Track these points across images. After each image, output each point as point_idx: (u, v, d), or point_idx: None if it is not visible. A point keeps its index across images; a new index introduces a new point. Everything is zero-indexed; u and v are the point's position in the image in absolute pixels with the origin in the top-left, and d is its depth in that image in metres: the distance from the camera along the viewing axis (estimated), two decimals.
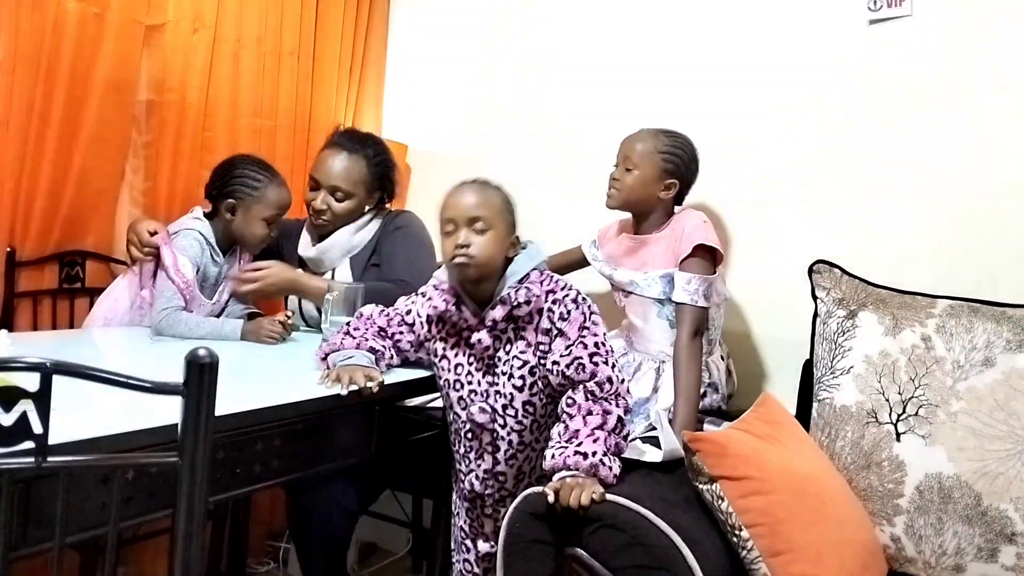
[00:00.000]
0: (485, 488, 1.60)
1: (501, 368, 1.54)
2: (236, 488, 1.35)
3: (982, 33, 1.87)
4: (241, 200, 1.98)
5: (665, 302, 1.86)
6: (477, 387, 1.56)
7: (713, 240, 1.83)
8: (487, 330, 1.53)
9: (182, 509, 0.79)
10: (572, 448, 1.40)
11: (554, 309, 1.50)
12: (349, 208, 2.07)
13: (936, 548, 1.50)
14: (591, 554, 1.31)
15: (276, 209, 2.01)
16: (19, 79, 1.87)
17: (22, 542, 0.98)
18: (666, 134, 1.92)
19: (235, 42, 2.36)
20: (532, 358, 1.52)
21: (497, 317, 1.51)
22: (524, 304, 1.49)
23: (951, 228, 1.89)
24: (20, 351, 1.40)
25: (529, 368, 1.52)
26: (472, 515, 1.65)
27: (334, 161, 2.06)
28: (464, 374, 1.57)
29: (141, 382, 0.77)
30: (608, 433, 1.42)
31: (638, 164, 1.89)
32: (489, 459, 1.58)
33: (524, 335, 1.52)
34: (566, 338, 1.48)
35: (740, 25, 2.18)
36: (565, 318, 1.49)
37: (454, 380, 1.59)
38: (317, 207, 2.05)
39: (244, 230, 2.00)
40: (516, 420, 1.55)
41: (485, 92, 2.69)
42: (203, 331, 1.86)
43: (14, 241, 1.95)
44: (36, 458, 0.75)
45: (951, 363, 1.56)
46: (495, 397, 1.55)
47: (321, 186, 2.06)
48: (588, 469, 1.37)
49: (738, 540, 1.31)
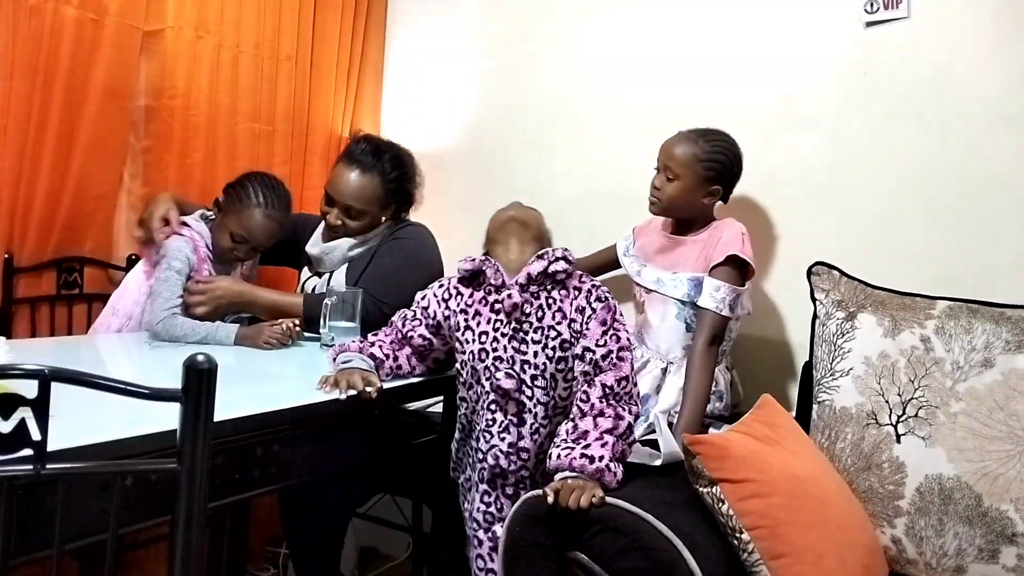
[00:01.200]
0: (510, 464, 1.55)
1: (532, 336, 1.52)
2: (235, 494, 1.34)
3: (979, 34, 1.87)
4: (224, 207, 1.98)
5: (687, 304, 1.85)
6: (503, 353, 1.54)
7: (748, 254, 1.82)
8: (519, 287, 1.53)
9: (181, 515, 0.79)
10: (579, 450, 1.39)
11: (591, 290, 1.53)
12: (363, 224, 2.07)
13: (937, 549, 1.49)
14: (591, 557, 1.31)
15: (243, 231, 1.96)
16: (17, 85, 1.88)
17: (21, 549, 0.98)
18: (706, 138, 1.88)
19: (233, 47, 2.36)
20: (566, 332, 1.52)
21: (533, 271, 1.52)
22: (562, 260, 1.52)
23: (950, 229, 1.89)
24: (18, 358, 1.40)
25: (561, 342, 1.52)
26: (491, 498, 1.58)
27: (348, 179, 2.03)
28: (489, 341, 1.55)
29: (140, 388, 0.77)
30: (617, 439, 1.42)
31: (679, 174, 1.86)
32: (515, 432, 1.54)
33: (561, 305, 1.52)
34: (603, 323, 1.50)
35: (738, 27, 2.19)
36: (603, 300, 1.53)
37: (479, 350, 1.55)
38: (331, 223, 2.06)
39: (215, 236, 1.99)
40: (544, 392, 1.53)
41: (483, 95, 2.69)
42: (199, 335, 1.86)
43: (12, 247, 1.95)
44: (35, 465, 0.74)
45: (950, 364, 1.56)
46: (523, 366, 1.53)
47: (335, 202, 2.06)
48: (593, 473, 1.36)
49: (739, 543, 1.30)
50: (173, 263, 1.89)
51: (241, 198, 1.96)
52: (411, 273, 1.96)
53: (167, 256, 1.90)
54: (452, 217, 2.52)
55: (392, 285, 1.93)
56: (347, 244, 2.08)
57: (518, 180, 2.59)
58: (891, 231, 1.96)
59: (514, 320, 1.53)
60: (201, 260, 1.94)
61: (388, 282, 1.94)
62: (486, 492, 1.58)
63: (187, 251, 1.92)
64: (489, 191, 2.64)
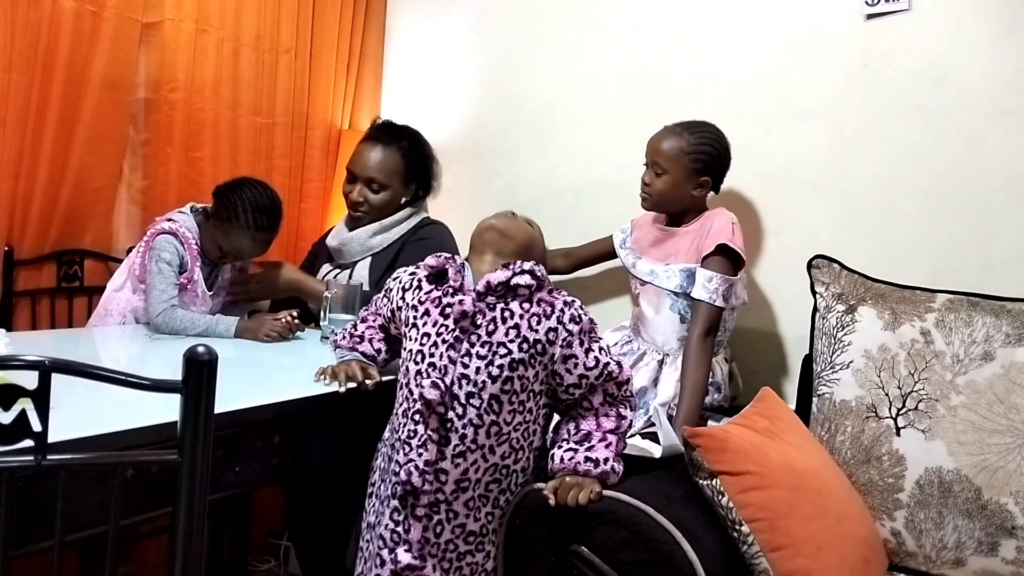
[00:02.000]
0: (423, 483, 1.36)
1: (478, 350, 1.37)
2: (236, 486, 1.35)
3: (979, 26, 1.86)
4: (214, 216, 1.96)
5: (680, 296, 1.85)
6: (438, 361, 1.38)
7: (738, 244, 1.81)
8: (474, 296, 1.39)
9: (182, 507, 0.79)
10: (583, 452, 1.38)
11: (564, 310, 1.38)
12: (385, 199, 2.10)
13: (936, 542, 1.50)
14: (592, 550, 1.31)
15: (231, 249, 1.97)
16: (15, 77, 1.87)
17: (22, 541, 0.98)
18: (691, 131, 1.88)
19: (233, 40, 2.35)
20: (519, 353, 1.37)
21: (493, 280, 1.38)
22: (528, 275, 1.38)
23: (950, 222, 1.89)
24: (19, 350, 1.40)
25: (510, 361, 1.36)
26: (400, 516, 1.39)
27: (369, 153, 2.10)
28: (429, 345, 1.39)
29: (140, 380, 0.77)
30: (618, 437, 1.42)
31: (667, 168, 1.86)
32: (433, 449, 1.36)
33: (518, 322, 1.37)
34: (582, 344, 1.38)
35: (737, 19, 2.18)
36: (578, 320, 1.39)
37: (416, 351, 1.41)
38: (354, 199, 2.09)
39: (203, 239, 1.98)
40: (477, 414, 1.36)
41: (482, 88, 2.68)
42: (199, 328, 1.86)
43: (12, 240, 1.95)
44: (35, 456, 0.74)
45: (951, 357, 1.56)
46: (459, 381, 1.36)
47: (357, 178, 2.10)
48: (598, 476, 1.36)
49: (738, 535, 1.31)
50: (163, 255, 1.88)
51: (231, 217, 1.92)
52: None
53: (155, 249, 1.89)
54: (451, 210, 2.51)
55: None
56: (366, 234, 2.10)
57: (517, 173, 2.58)
58: (891, 224, 1.96)
59: (459, 329, 1.38)
60: (193, 258, 1.94)
61: None
62: (396, 510, 1.39)
63: (175, 243, 1.91)
64: (489, 184, 2.64)
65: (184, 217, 1.96)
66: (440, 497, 1.37)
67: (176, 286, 1.89)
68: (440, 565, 1.39)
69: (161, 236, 1.90)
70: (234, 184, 1.98)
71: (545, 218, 1.78)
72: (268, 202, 1.97)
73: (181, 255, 1.92)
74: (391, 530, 1.39)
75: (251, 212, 1.92)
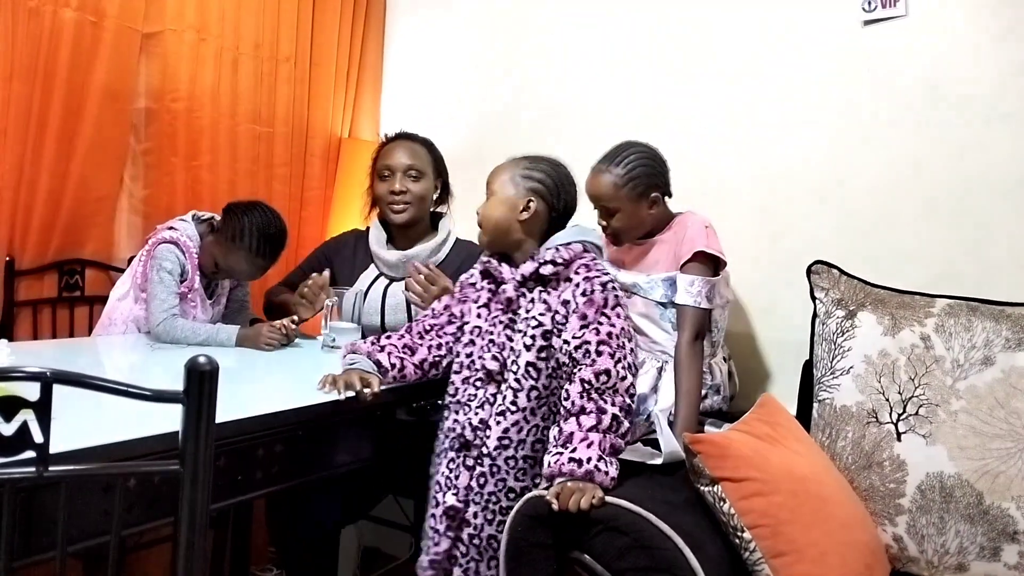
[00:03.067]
0: (475, 438, 1.57)
1: (519, 326, 1.58)
2: (238, 495, 1.35)
3: (976, 32, 1.87)
4: (220, 231, 1.96)
5: (668, 305, 1.86)
6: (496, 338, 1.60)
7: (715, 248, 1.81)
8: (514, 283, 1.59)
9: (184, 517, 0.79)
10: (567, 455, 1.39)
11: (580, 284, 1.54)
12: (425, 189, 2.14)
13: (939, 547, 1.49)
14: (594, 557, 1.31)
15: (227, 267, 1.98)
16: (16, 88, 1.88)
17: (24, 551, 0.98)
18: (614, 163, 1.83)
19: (232, 49, 2.36)
20: (548, 323, 1.55)
21: (525, 272, 1.58)
22: (550, 264, 1.56)
23: (949, 227, 1.90)
24: (20, 360, 1.40)
25: (543, 332, 1.55)
26: (454, 465, 1.59)
27: (401, 147, 2.15)
28: (488, 325, 1.62)
29: (141, 390, 0.77)
30: (603, 434, 1.42)
31: (614, 207, 1.83)
32: (488, 409, 1.57)
33: (547, 300, 1.56)
34: (583, 318, 1.51)
35: (736, 25, 2.19)
36: (587, 295, 1.53)
37: (480, 330, 1.63)
38: (397, 188, 2.10)
39: (204, 250, 1.98)
40: (516, 379, 1.55)
41: (482, 96, 2.69)
42: (200, 337, 1.86)
43: (13, 250, 1.95)
44: (37, 467, 0.75)
45: (951, 362, 1.56)
46: (509, 352, 1.58)
47: (395, 171, 2.11)
48: (583, 476, 1.37)
49: (740, 542, 1.30)
50: (164, 264, 1.88)
51: (234, 236, 1.92)
52: None
53: (157, 258, 1.89)
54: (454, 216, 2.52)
55: None
56: (428, 251, 2.12)
57: None
58: (890, 229, 1.96)
59: (510, 312, 1.60)
60: (194, 267, 1.94)
61: None
62: (452, 459, 1.61)
63: (177, 252, 1.91)
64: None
65: (185, 225, 1.96)
66: (484, 451, 1.56)
67: (177, 295, 1.89)
68: (483, 513, 1.55)
69: (163, 245, 1.90)
70: (246, 205, 1.97)
71: None
72: (275, 231, 1.96)
73: (182, 263, 1.92)
74: (445, 476, 1.60)
75: (256, 237, 1.92)
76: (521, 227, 1.63)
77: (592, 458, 1.38)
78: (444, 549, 1.58)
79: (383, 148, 2.18)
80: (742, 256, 2.15)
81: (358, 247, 2.18)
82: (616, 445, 1.43)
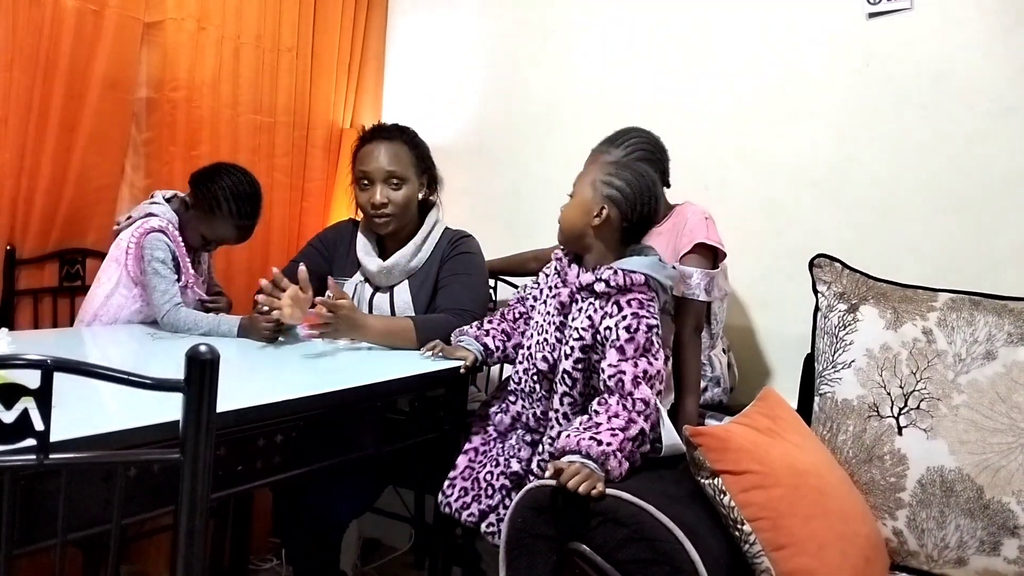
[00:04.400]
0: (538, 425, 1.66)
1: (567, 332, 1.60)
2: (238, 485, 1.34)
3: (981, 25, 1.86)
4: (196, 206, 1.95)
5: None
6: (549, 337, 1.63)
7: (715, 239, 1.81)
8: (570, 288, 1.60)
9: (184, 506, 0.79)
10: (589, 434, 1.40)
11: (627, 317, 1.51)
12: (408, 195, 2.00)
13: (938, 541, 1.50)
14: (594, 548, 1.31)
15: (216, 238, 1.97)
16: (17, 77, 1.87)
17: (25, 539, 0.98)
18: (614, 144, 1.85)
19: (234, 39, 2.36)
20: (589, 339, 1.56)
21: (582, 282, 1.57)
22: (603, 283, 1.54)
23: (952, 221, 1.89)
24: (21, 349, 1.40)
25: (582, 345, 1.56)
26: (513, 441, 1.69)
27: (379, 151, 2.00)
28: (545, 322, 1.65)
29: (142, 379, 0.77)
30: (627, 439, 1.42)
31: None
32: (545, 403, 1.64)
33: (592, 316, 1.56)
34: (620, 352, 1.49)
35: (740, 18, 2.18)
36: (631, 332, 1.50)
37: (539, 326, 1.66)
38: (377, 201, 1.97)
39: (184, 229, 1.97)
40: (565, 383, 1.59)
41: (485, 87, 2.68)
42: (202, 328, 1.86)
43: (14, 239, 1.95)
44: (38, 455, 0.74)
45: (952, 356, 1.56)
46: (559, 355, 1.60)
47: (374, 180, 1.99)
48: (598, 456, 1.36)
49: (740, 534, 1.31)
50: (156, 254, 1.87)
51: (212, 207, 1.91)
52: (484, 281, 2.11)
53: (148, 249, 1.88)
54: (454, 209, 2.52)
55: (478, 297, 2.03)
56: (405, 258, 2.02)
57: (520, 172, 2.59)
58: (893, 223, 1.96)
59: (562, 315, 1.62)
60: (182, 255, 1.94)
61: (477, 297, 2.03)
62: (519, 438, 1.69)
63: (165, 240, 1.90)
64: (491, 183, 2.64)
65: (164, 209, 1.95)
66: (537, 437, 1.66)
67: (176, 283, 1.89)
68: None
69: (152, 235, 1.89)
70: (211, 172, 1.95)
71: (547, 217, 1.79)
72: (249, 189, 1.95)
73: (172, 251, 1.91)
74: (510, 445, 1.70)
75: (233, 201, 1.92)
76: (593, 232, 1.60)
77: (613, 444, 1.38)
78: (496, 502, 1.66)
79: (360, 150, 2.05)
80: (744, 249, 2.15)
81: (352, 244, 2.11)
82: (633, 455, 1.43)
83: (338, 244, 2.13)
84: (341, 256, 2.12)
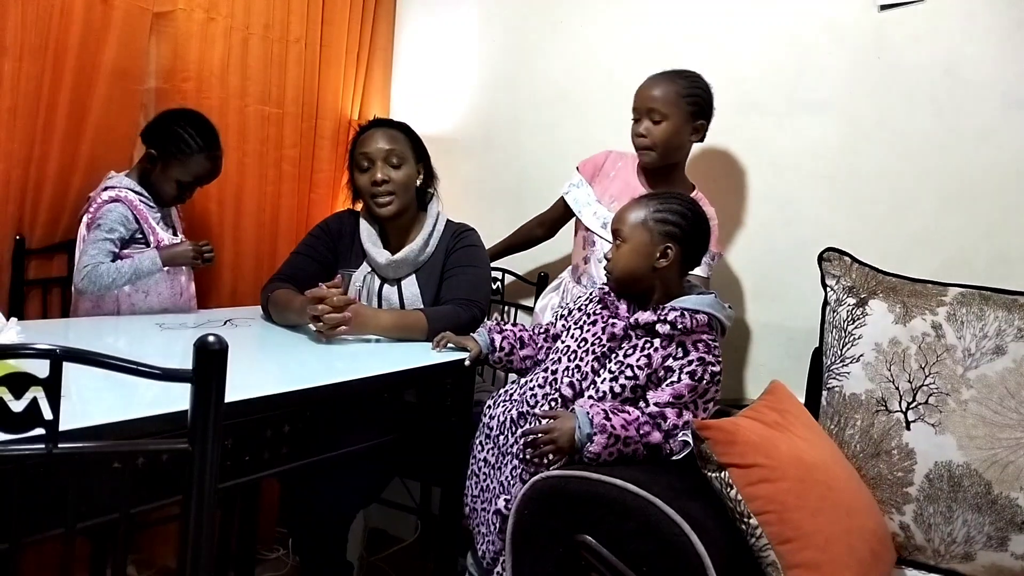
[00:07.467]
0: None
1: (611, 365, 1.54)
2: (245, 475, 1.35)
3: (993, 18, 1.85)
4: (164, 156, 1.98)
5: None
6: (583, 366, 1.57)
7: (715, 249, 1.86)
8: (626, 324, 1.54)
9: (192, 496, 0.79)
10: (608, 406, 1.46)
11: (693, 362, 1.49)
12: (408, 175, 2.02)
13: (945, 536, 1.49)
14: (600, 541, 1.31)
15: (192, 177, 2.02)
16: (26, 66, 1.87)
17: (34, 528, 0.99)
18: (681, 76, 1.92)
19: (243, 29, 2.35)
20: (643, 379, 1.51)
21: (641, 320, 1.52)
22: (667, 324, 1.49)
23: (962, 215, 1.88)
24: (30, 338, 1.41)
25: (633, 386, 1.51)
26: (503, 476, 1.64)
27: (379, 135, 2.04)
28: (582, 351, 1.58)
29: (151, 369, 0.77)
30: (638, 443, 1.44)
31: (667, 113, 1.88)
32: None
33: (651, 355, 1.51)
34: (678, 397, 1.48)
35: (750, 10, 2.17)
36: (695, 379, 1.49)
37: (571, 349, 1.60)
38: (379, 178, 1.98)
39: (157, 185, 2.01)
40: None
41: (492, 78, 2.68)
42: (126, 275, 1.90)
43: (23, 229, 1.95)
44: (47, 445, 0.75)
45: (962, 351, 1.55)
46: (590, 384, 1.55)
47: (375, 159, 2.00)
48: (598, 425, 1.41)
49: (747, 527, 1.30)
50: (101, 223, 1.91)
51: (181, 148, 1.97)
52: (487, 274, 2.14)
53: (103, 219, 1.91)
54: (461, 200, 2.52)
55: (483, 288, 2.07)
56: (414, 253, 2.03)
57: (527, 163, 2.58)
58: (903, 216, 1.95)
59: (609, 347, 1.56)
60: (144, 218, 1.97)
61: (481, 288, 2.06)
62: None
63: (119, 208, 1.93)
64: (498, 174, 2.64)
65: (118, 179, 1.98)
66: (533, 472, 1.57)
67: (111, 253, 1.91)
68: None
69: (106, 206, 1.93)
70: (164, 120, 2.02)
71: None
72: (204, 120, 2.04)
73: (129, 217, 1.94)
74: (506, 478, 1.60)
75: (199, 136, 1.99)
76: (656, 274, 1.55)
77: (617, 429, 1.42)
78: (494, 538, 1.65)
79: (359, 137, 2.07)
80: (753, 242, 2.14)
81: (355, 233, 2.11)
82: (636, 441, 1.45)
83: (342, 233, 2.13)
84: (345, 246, 2.13)
